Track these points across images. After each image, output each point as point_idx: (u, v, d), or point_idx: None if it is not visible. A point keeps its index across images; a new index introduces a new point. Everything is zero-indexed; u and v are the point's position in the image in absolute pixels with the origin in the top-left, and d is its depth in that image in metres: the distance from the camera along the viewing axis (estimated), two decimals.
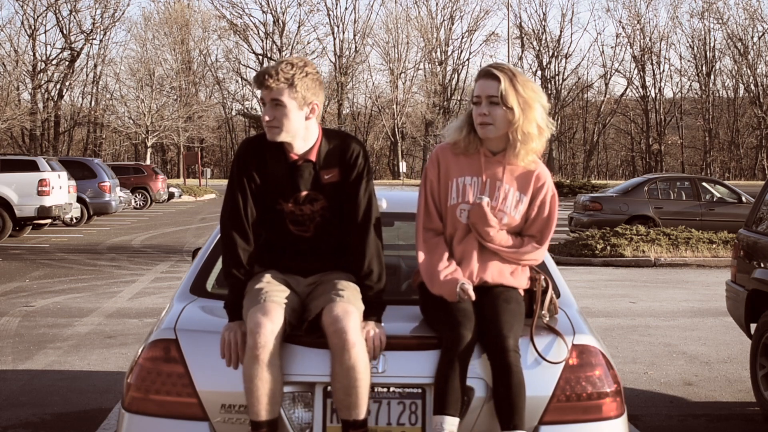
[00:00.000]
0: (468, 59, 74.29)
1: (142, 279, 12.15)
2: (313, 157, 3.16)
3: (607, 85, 75.62)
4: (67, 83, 65.18)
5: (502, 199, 3.23)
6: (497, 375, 2.92)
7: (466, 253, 3.23)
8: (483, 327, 3.02)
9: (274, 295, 3.02)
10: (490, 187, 3.23)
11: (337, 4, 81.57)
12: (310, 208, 3.19)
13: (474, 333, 2.98)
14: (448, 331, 2.98)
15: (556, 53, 74.44)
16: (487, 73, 3.20)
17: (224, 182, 40.91)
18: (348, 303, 2.99)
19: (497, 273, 3.22)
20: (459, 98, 70.63)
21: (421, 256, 3.23)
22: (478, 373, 2.97)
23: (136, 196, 30.55)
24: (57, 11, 64.61)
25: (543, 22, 74.57)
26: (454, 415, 2.88)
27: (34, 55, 63.46)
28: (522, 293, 3.25)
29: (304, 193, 3.17)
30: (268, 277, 3.15)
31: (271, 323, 2.90)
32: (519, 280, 3.26)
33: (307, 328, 3.00)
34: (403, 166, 53.15)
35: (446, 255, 3.21)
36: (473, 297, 3.08)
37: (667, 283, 12.34)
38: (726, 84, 74.54)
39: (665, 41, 74.24)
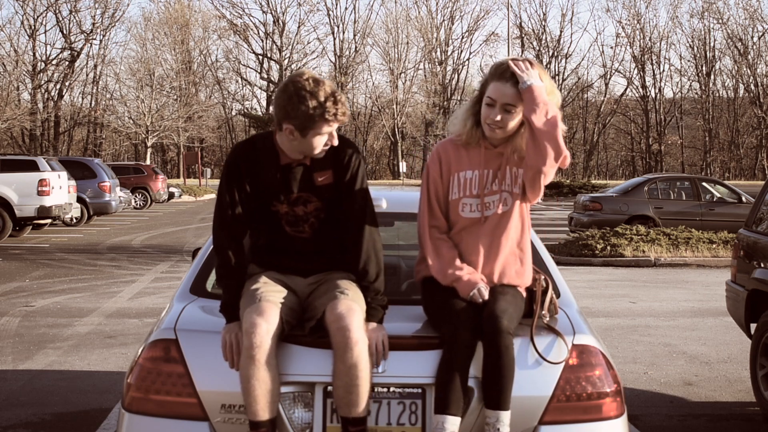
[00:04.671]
0: (468, 59, 74.51)
1: (142, 279, 12.15)
2: (307, 160, 3.16)
3: (607, 85, 75.68)
4: (67, 83, 65.21)
5: (509, 182, 3.24)
6: (489, 354, 2.93)
7: (468, 249, 3.24)
8: (478, 313, 3.05)
9: (270, 295, 3.03)
10: (491, 177, 3.24)
11: (337, 4, 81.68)
12: (303, 209, 3.19)
13: (475, 333, 2.99)
14: (449, 330, 2.99)
15: (556, 53, 74.47)
16: (508, 78, 3.12)
17: None
18: (351, 301, 3.00)
19: (501, 273, 3.23)
20: (459, 98, 70.64)
21: (432, 255, 3.24)
22: (478, 374, 2.97)
23: (136, 196, 30.56)
24: (57, 11, 64.70)
25: (543, 22, 74.65)
26: (456, 414, 2.89)
27: (34, 55, 63.48)
28: (524, 292, 3.26)
29: (296, 194, 3.17)
30: (264, 278, 3.16)
31: (266, 323, 2.90)
32: (522, 278, 3.27)
33: (314, 326, 3.00)
34: (403, 166, 53.15)
35: (457, 257, 3.22)
36: (486, 298, 3.09)
37: (667, 283, 12.34)
38: (726, 84, 74.63)
39: (665, 41, 74.38)
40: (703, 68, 72.97)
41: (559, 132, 3.10)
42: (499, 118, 3.14)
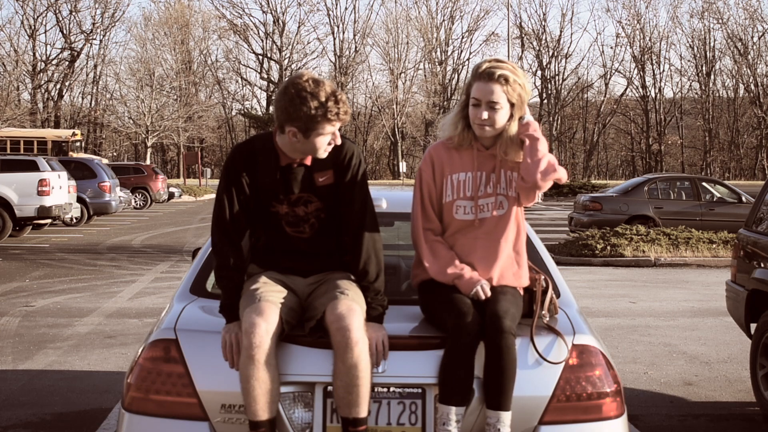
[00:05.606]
0: (468, 59, 74.29)
1: (142, 279, 12.15)
2: (307, 160, 3.16)
3: (607, 85, 75.64)
4: (67, 83, 65.23)
5: (504, 186, 3.26)
6: (491, 355, 2.93)
7: (464, 252, 3.25)
8: (480, 313, 3.04)
9: (270, 295, 3.03)
10: (485, 179, 3.26)
11: (337, 4, 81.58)
12: (303, 210, 3.20)
13: (478, 322, 2.99)
14: (452, 320, 2.98)
15: (556, 53, 74.43)
16: (489, 77, 3.18)
17: None
18: (352, 301, 3.00)
19: (499, 276, 3.23)
20: (459, 98, 70.52)
21: (429, 257, 3.24)
22: (478, 374, 2.97)
23: (136, 196, 30.55)
24: (57, 11, 64.76)
25: (543, 22, 74.61)
26: (461, 404, 2.89)
27: (34, 55, 63.52)
28: (521, 291, 3.26)
29: (297, 195, 3.18)
30: (263, 278, 3.16)
31: (265, 323, 2.90)
32: (520, 281, 3.27)
33: (314, 326, 3.00)
34: (403, 166, 53.15)
35: (455, 257, 3.23)
36: (488, 295, 3.10)
37: (667, 283, 12.34)
38: (726, 84, 74.58)
39: (665, 41, 74.33)
40: (703, 68, 72.94)
41: (554, 167, 3.18)
42: (485, 116, 3.18)
